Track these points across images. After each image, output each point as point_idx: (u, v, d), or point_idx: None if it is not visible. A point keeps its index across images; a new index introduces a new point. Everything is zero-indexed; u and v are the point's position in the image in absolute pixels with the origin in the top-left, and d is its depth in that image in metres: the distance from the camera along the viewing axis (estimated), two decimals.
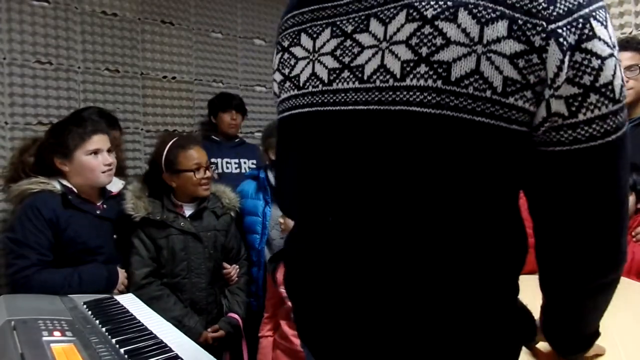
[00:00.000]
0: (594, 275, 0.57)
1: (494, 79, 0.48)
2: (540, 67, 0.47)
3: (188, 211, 1.77)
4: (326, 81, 0.59)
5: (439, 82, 0.49)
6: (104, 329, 1.15)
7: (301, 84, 0.62)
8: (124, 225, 1.68)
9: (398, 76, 0.51)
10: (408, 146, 0.52)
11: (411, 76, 0.50)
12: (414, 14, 0.51)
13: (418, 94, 0.50)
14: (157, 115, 2.67)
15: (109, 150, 1.60)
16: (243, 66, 3.01)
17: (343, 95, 0.57)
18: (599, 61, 0.48)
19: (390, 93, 0.52)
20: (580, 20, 0.47)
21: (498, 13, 0.47)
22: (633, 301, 1.22)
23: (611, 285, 0.60)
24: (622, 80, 0.50)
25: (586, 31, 0.47)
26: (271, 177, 1.97)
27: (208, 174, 1.76)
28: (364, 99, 0.55)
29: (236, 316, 1.78)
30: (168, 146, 1.74)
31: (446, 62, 0.49)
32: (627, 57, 1.76)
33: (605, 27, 0.49)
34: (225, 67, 2.94)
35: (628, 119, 0.52)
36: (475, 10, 0.48)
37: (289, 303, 1.53)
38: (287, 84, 0.65)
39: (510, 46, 0.47)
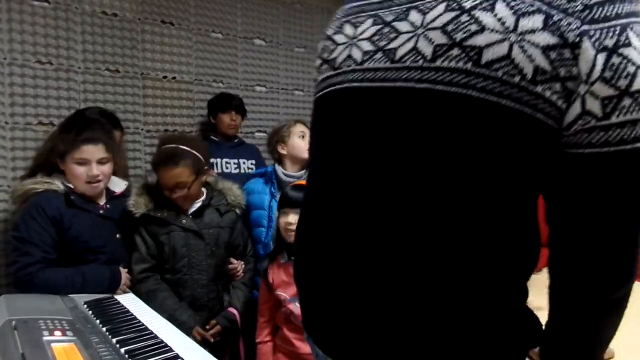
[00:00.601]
0: (607, 287, 0.56)
1: (524, 65, 0.49)
2: (572, 62, 0.49)
3: (191, 208, 1.77)
4: (359, 61, 0.62)
5: (469, 65, 0.51)
6: (104, 329, 1.15)
7: (337, 65, 0.66)
8: (128, 224, 1.69)
9: (429, 58, 0.54)
10: (429, 124, 0.54)
11: (442, 58, 0.53)
12: (454, 5, 0.54)
13: (448, 74, 0.52)
14: (157, 115, 2.67)
15: (102, 161, 1.58)
16: (243, 66, 3.01)
17: (372, 73, 0.60)
18: (634, 68, 0.49)
19: (419, 72, 0.55)
20: (618, 27, 0.49)
21: (535, 8, 0.50)
22: (633, 301, 1.22)
23: (621, 304, 0.59)
24: None
25: (622, 38, 0.49)
26: (279, 170, 1.99)
27: (179, 193, 1.69)
28: (392, 77, 0.57)
29: (234, 311, 1.77)
30: (153, 157, 1.77)
31: (478, 47, 0.51)
32: None
33: None
34: (225, 67, 2.93)
35: None
36: (512, 3, 0.50)
37: (288, 305, 1.52)
38: (324, 66, 0.70)
39: (544, 38, 0.49)
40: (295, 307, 1.49)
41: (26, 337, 1.00)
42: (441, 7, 0.55)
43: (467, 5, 0.53)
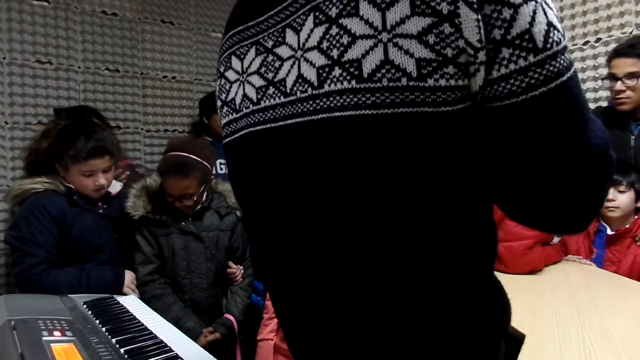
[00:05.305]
0: (577, 227, 0.53)
1: (405, 64, 0.44)
2: (456, 35, 0.43)
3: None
4: (255, 100, 0.57)
5: (353, 82, 0.46)
6: (104, 329, 1.15)
7: (237, 107, 0.61)
8: (125, 224, 1.69)
9: (316, 84, 0.49)
10: (337, 155, 0.49)
11: (328, 81, 0.48)
12: (320, 16, 0.48)
13: (338, 98, 0.47)
14: (157, 115, 2.67)
15: (107, 170, 1.58)
16: None
17: (271, 112, 0.55)
18: (512, 10, 0.43)
19: (311, 102, 0.50)
20: None
21: None
22: (633, 301, 1.22)
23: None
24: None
25: None
26: None
27: (185, 202, 1.67)
28: (289, 112, 0.52)
29: (231, 317, 1.75)
30: (161, 163, 1.72)
31: (356, 60, 0.46)
32: (629, 64, 1.72)
33: None
34: None
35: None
36: None
37: None
38: (225, 109, 0.64)
39: (416, 23, 0.43)
40: None
41: (25, 337, 1.00)
42: (310, 22, 0.49)
43: (333, 13, 0.47)
